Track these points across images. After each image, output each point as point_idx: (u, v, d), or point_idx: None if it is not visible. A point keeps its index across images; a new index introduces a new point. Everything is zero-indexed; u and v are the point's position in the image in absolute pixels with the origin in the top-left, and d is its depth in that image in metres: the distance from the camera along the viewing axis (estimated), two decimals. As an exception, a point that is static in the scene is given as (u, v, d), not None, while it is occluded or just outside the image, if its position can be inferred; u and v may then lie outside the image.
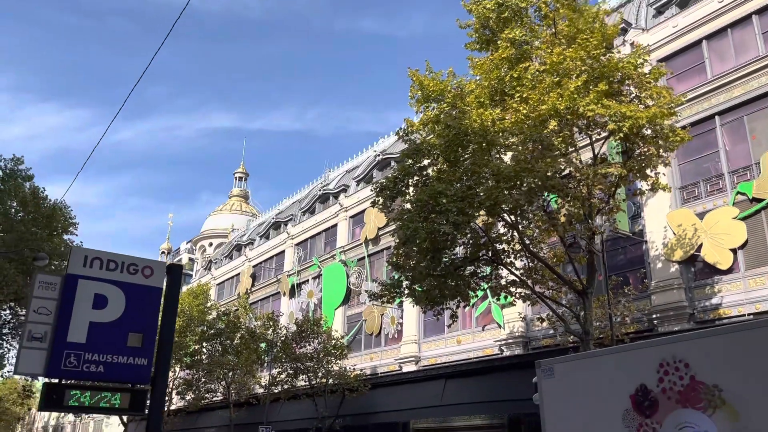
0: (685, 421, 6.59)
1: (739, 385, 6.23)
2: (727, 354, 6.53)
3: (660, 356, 7.03)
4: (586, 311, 17.49)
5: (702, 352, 6.72)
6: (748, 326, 7.37)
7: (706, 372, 6.53)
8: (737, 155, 21.03)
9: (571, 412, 8.08)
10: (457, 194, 16.03)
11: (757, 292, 19.17)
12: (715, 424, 6.32)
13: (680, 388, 6.71)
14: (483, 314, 28.13)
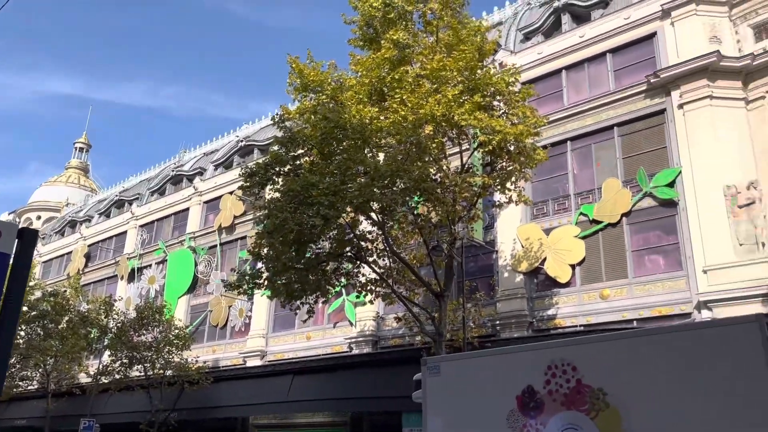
0: (568, 423, 6.74)
1: (624, 389, 6.45)
2: (614, 359, 6.74)
3: (549, 359, 7.15)
4: (441, 313, 18.03)
5: (590, 356, 6.92)
6: (635, 333, 7.89)
7: (592, 376, 6.71)
8: (583, 179, 22.93)
9: (456, 410, 8.08)
10: (329, 188, 15.77)
11: (589, 306, 20.98)
12: (598, 427, 6.49)
13: (566, 390, 6.85)
14: (336, 311, 28.10)
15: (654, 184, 20.67)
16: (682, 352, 6.30)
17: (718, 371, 5.92)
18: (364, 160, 16.62)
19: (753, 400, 5.64)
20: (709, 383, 5.99)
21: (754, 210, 18.49)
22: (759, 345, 5.65)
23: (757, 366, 5.65)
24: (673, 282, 19.58)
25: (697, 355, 6.16)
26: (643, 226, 20.97)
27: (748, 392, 5.68)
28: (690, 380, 6.14)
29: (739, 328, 6.09)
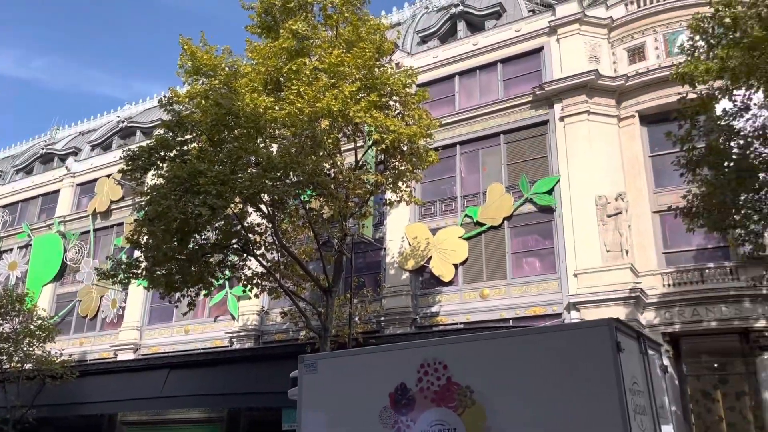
0: (437, 419, 6.99)
1: (488, 387, 6.81)
2: (481, 358, 7.07)
3: (422, 357, 7.36)
4: (328, 309, 17.97)
5: (459, 355, 7.22)
6: (500, 335, 8.39)
7: (461, 374, 7.01)
8: (470, 182, 23.76)
9: (331, 408, 8.15)
10: (218, 177, 15.17)
11: (470, 304, 21.78)
12: (464, 423, 6.80)
13: (437, 388, 7.12)
14: (218, 305, 27.24)
15: (534, 191, 21.81)
16: (542, 352, 6.72)
17: (573, 370, 6.34)
18: (256, 150, 16.19)
19: (602, 396, 6.04)
20: (564, 381, 6.40)
21: (621, 220, 20.02)
22: (608, 347, 6.12)
23: (606, 365, 6.08)
24: (547, 284, 20.79)
25: (555, 355, 6.58)
26: (522, 230, 22.08)
27: (598, 390, 6.10)
28: (548, 379, 6.53)
29: (592, 331, 6.58)
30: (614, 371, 5.96)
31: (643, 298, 19.22)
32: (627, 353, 6.24)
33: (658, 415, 6.53)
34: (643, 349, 6.76)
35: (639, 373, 6.55)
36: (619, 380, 5.89)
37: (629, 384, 6.06)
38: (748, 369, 18.80)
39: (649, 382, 6.65)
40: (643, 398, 6.40)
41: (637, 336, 6.79)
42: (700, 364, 19.94)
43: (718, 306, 18.61)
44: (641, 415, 6.14)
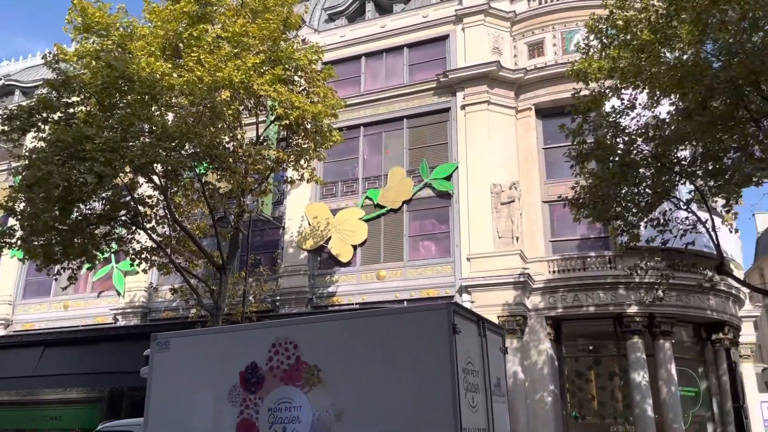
0: (283, 397, 7.16)
1: (335, 366, 7.02)
2: (329, 339, 7.30)
3: (274, 337, 7.48)
4: (221, 286, 17.47)
5: (310, 335, 7.40)
6: (347, 316, 8.73)
7: (310, 353, 7.18)
8: (372, 165, 23.85)
9: (181, 386, 8.06)
10: (107, 143, 14.23)
11: (367, 285, 21.97)
12: (309, 401, 7.00)
13: (286, 367, 7.26)
14: (102, 279, 25.79)
15: (434, 176, 22.25)
16: (384, 333, 7.02)
17: (412, 350, 6.69)
18: (150, 117, 15.34)
19: (437, 374, 6.43)
20: (404, 361, 6.73)
21: (513, 208, 20.85)
22: (445, 329, 6.47)
23: (442, 346, 6.45)
24: (442, 267, 21.33)
25: (396, 336, 6.91)
26: (420, 214, 22.49)
27: (434, 368, 6.46)
28: (389, 358, 6.84)
29: (431, 313, 6.97)
30: (449, 352, 6.33)
31: (530, 283, 20.18)
32: (464, 335, 6.63)
33: (492, 393, 7.04)
34: (482, 332, 7.17)
35: (475, 354, 6.98)
36: (453, 360, 6.28)
37: (463, 364, 6.49)
38: (619, 351, 20.29)
39: (485, 362, 7.10)
40: (477, 377, 6.86)
41: (477, 319, 7.18)
42: (578, 346, 21.29)
43: (597, 292, 19.89)
44: (473, 393, 6.61)
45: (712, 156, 13.19)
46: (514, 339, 19.53)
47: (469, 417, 6.31)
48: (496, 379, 7.38)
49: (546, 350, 19.99)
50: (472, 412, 6.46)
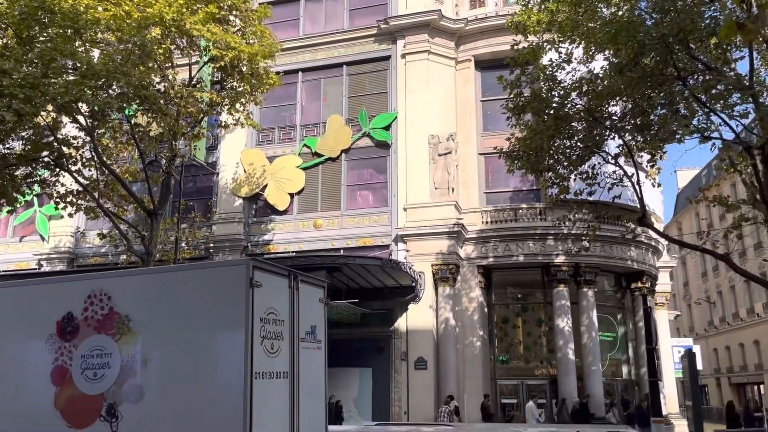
0: (96, 345, 7.60)
1: (144, 317, 7.49)
2: (140, 291, 7.77)
3: (90, 288, 7.79)
4: (153, 232, 17.04)
5: (123, 287, 7.80)
6: (158, 270, 9.06)
7: (122, 304, 7.59)
8: (310, 112, 23.47)
9: None
10: (27, 79, 13.40)
11: (303, 234, 21.91)
12: (119, 348, 7.44)
13: (100, 317, 7.64)
14: (24, 224, 24.69)
15: (373, 126, 22.13)
16: (192, 286, 7.47)
17: (215, 302, 7.18)
18: (74, 53, 14.47)
19: (234, 323, 6.95)
20: (208, 312, 7.22)
21: (450, 159, 21.07)
22: (243, 283, 6.93)
23: (239, 298, 6.92)
24: (379, 216, 21.48)
25: (202, 289, 7.35)
26: (359, 164, 22.42)
27: (232, 318, 6.98)
28: (194, 309, 7.31)
29: (232, 269, 7.37)
30: (245, 303, 6.83)
31: (464, 233, 20.64)
32: (266, 288, 7.15)
33: (300, 340, 7.73)
34: (294, 285, 7.69)
35: (282, 305, 7.50)
36: (248, 311, 6.80)
37: (262, 314, 7.05)
38: (545, 299, 21.20)
39: (294, 312, 7.66)
40: (282, 326, 7.43)
41: (288, 273, 7.71)
42: (507, 294, 22.10)
43: (527, 242, 20.57)
44: (275, 340, 7.25)
45: (641, 112, 13.64)
46: (447, 286, 20.06)
47: (265, 362, 6.98)
48: (310, 327, 8.05)
49: (477, 297, 20.65)
50: (270, 358, 7.11)
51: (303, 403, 7.56)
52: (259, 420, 6.69)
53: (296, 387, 7.45)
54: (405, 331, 19.93)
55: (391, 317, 20.28)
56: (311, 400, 7.86)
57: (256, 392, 6.70)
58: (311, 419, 7.80)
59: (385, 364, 20.05)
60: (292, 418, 7.36)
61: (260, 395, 6.78)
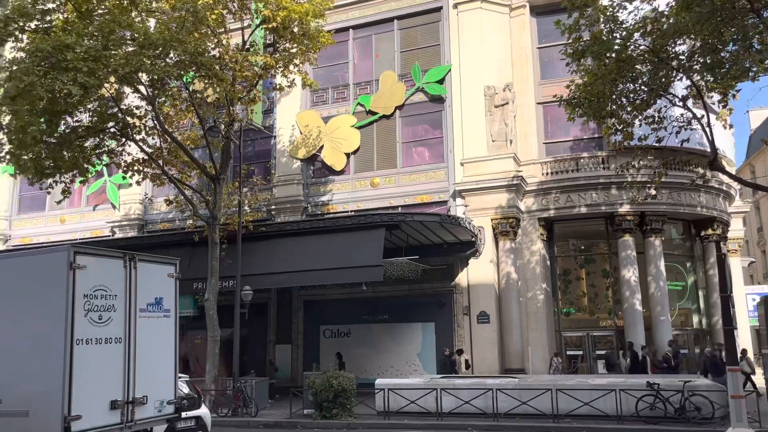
0: None
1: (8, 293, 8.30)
2: (6, 270, 8.43)
3: None
4: (216, 196, 17.52)
5: None
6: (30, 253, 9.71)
7: None
8: (363, 70, 23.29)
9: None
10: (89, 52, 13.78)
11: (361, 193, 22.05)
12: None
13: None
14: (96, 193, 25.80)
15: (426, 80, 21.79)
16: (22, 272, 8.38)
17: (43, 283, 8.13)
18: (131, 24, 14.76)
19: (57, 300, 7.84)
20: (37, 292, 8.15)
21: (507, 110, 20.60)
22: (64, 266, 7.85)
23: (61, 279, 7.84)
24: (435, 173, 21.33)
25: (32, 274, 8.28)
26: (413, 120, 22.22)
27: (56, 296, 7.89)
28: (26, 291, 8.20)
29: (54, 255, 8.25)
30: (65, 283, 7.79)
31: (523, 186, 20.29)
32: (92, 269, 8.15)
33: (138, 310, 8.68)
34: (129, 264, 8.70)
35: (114, 281, 8.45)
36: (68, 289, 7.77)
37: (87, 291, 8.01)
38: (610, 250, 20.73)
39: (128, 287, 8.60)
40: (114, 300, 8.41)
41: (124, 255, 8.71)
42: (569, 246, 21.71)
43: (589, 193, 20.05)
44: (104, 311, 8.25)
45: (711, 49, 12.88)
46: (507, 240, 19.87)
47: (90, 330, 8.00)
48: (154, 299, 9.07)
49: (539, 250, 20.39)
50: (98, 327, 8.12)
51: (143, 362, 8.62)
52: (82, 378, 7.78)
53: (132, 349, 8.52)
54: (466, 286, 19.97)
55: (451, 272, 20.33)
56: (156, 360, 8.94)
57: (80, 354, 7.78)
58: (155, 375, 8.87)
59: (447, 318, 20.22)
60: (126, 377, 8.44)
61: (85, 356, 7.87)
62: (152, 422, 8.93)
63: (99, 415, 8.06)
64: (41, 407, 7.82)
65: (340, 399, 14.26)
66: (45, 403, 7.79)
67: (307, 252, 18.54)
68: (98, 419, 8.03)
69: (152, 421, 8.91)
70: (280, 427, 14.37)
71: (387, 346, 20.64)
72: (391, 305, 20.92)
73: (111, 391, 8.28)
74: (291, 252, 18.80)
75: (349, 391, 14.38)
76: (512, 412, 13.75)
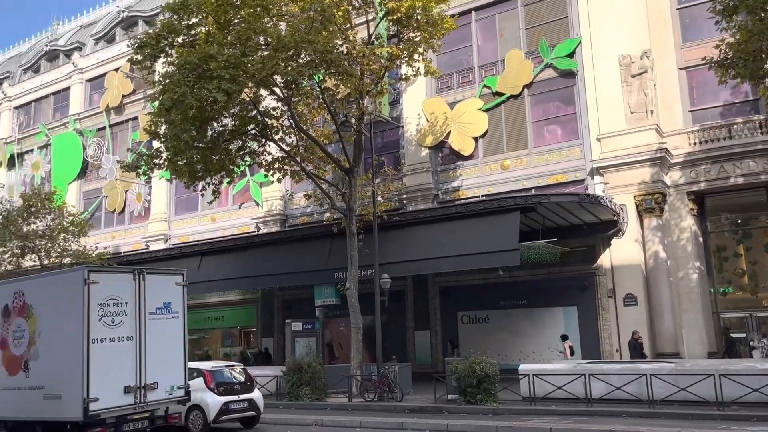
0: (18, 324, 11.57)
1: (41, 307, 11.26)
2: (37, 290, 11.60)
3: (15, 289, 11.88)
4: (351, 189, 18.07)
5: (31, 287, 11.75)
6: (43, 275, 13.66)
7: (30, 298, 11.51)
8: (487, 51, 22.88)
9: None
10: (230, 60, 14.73)
11: (491, 177, 21.74)
12: (28, 326, 11.34)
13: (19, 306, 11.62)
14: (241, 192, 27.56)
15: (555, 55, 20.98)
16: (59, 286, 11.18)
17: (70, 294, 10.53)
18: (265, 29, 15.57)
19: (78, 307, 10.29)
20: (69, 300, 10.58)
21: (646, 79, 19.31)
22: (81, 283, 10.28)
23: (79, 292, 10.28)
24: (570, 150, 20.52)
25: (64, 287, 10.93)
26: (543, 98, 21.49)
27: (78, 304, 10.30)
28: (62, 299, 10.80)
29: (75, 273, 10.75)
30: (82, 296, 10.26)
31: (668, 159, 18.97)
32: (104, 284, 10.47)
33: (147, 313, 10.96)
34: (138, 278, 10.96)
35: (125, 292, 10.74)
36: (84, 299, 10.20)
37: (100, 300, 10.36)
38: (772, 222, 18.86)
39: (139, 295, 10.88)
40: (125, 306, 10.69)
41: (132, 270, 11.14)
42: (723, 220, 20.00)
43: (746, 161, 18.34)
44: (116, 316, 10.56)
45: None
46: (653, 217, 18.71)
47: (104, 331, 10.35)
48: (163, 304, 11.30)
49: (689, 226, 19.01)
50: (110, 328, 10.43)
51: (153, 355, 10.82)
52: (98, 369, 10.09)
53: (143, 345, 10.75)
54: (609, 268, 19.08)
55: (592, 254, 19.52)
56: (166, 353, 11.13)
57: (95, 350, 10.11)
58: (166, 370, 11.08)
59: (590, 302, 19.46)
60: (138, 367, 10.64)
61: (100, 352, 10.17)
62: (164, 403, 11.15)
63: (114, 398, 10.28)
64: (68, 392, 10.18)
65: (483, 384, 14.23)
66: (71, 389, 10.13)
67: (441, 239, 18.63)
68: (113, 401, 10.27)
69: (164, 402, 11.13)
70: (426, 411, 14.60)
71: (527, 331, 20.25)
72: (529, 290, 20.50)
73: (124, 378, 10.45)
74: (425, 239, 18.99)
75: (493, 376, 14.31)
76: (669, 398, 12.99)
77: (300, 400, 16.86)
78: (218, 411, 12.79)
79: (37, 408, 10.74)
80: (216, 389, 13.13)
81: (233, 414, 13.22)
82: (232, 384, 13.59)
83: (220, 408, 12.79)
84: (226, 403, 12.95)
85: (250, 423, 13.75)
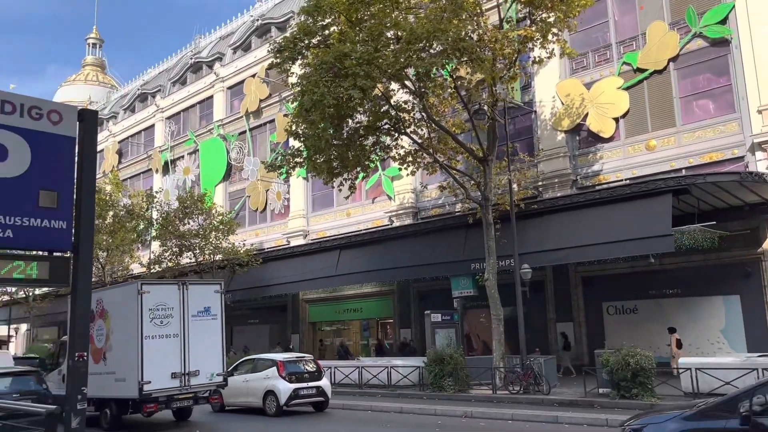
0: (99, 325, 14.35)
1: (113, 310, 14.17)
2: (111, 297, 14.57)
3: (98, 297, 14.47)
4: (486, 178, 17.78)
5: (106, 296, 14.72)
6: (113, 287, 17.10)
7: (107, 304, 14.39)
8: (625, 25, 21.52)
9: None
10: (363, 56, 15.01)
11: (635, 159, 20.47)
12: (105, 325, 14.22)
13: (100, 310, 14.47)
14: (373, 187, 28.10)
15: (704, 23, 19.29)
16: (122, 295, 14.01)
17: (128, 303, 13.34)
18: (396, 23, 15.69)
19: (135, 312, 13.10)
20: (127, 305, 13.37)
21: (815, 41, 17.22)
22: (135, 293, 13.10)
23: (135, 301, 13.01)
24: (725, 126, 18.81)
25: (125, 296, 13.75)
26: (691, 70, 19.85)
27: (135, 310, 13.14)
28: (122, 303, 13.72)
29: (131, 287, 13.70)
30: (137, 303, 13.00)
31: None
32: (154, 293, 13.19)
33: (191, 316, 13.53)
34: (182, 288, 13.63)
35: (171, 299, 13.37)
36: (138, 306, 12.95)
37: (151, 305, 13.06)
38: None
39: (183, 301, 13.50)
40: (171, 310, 13.30)
41: (177, 282, 13.95)
42: None
43: None
44: (164, 317, 13.19)
45: None
46: (830, 195, 16.69)
47: (155, 330, 13.02)
48: (203, 308, 13.78)
49: None
50: (160, 327, 13.08)
51: (195, 351, 13.32)
52: (150, 359, 12.75)
53: (187, 341, 13.29)
54: (777, 252, 17.30)
55: (756, 238, 17.79)
56: (207, 347, 13.55)
57: (148, 345, 12.82)
58: (206, 360, 13.48)
59: (754, 290, 17.77)
60: (183, 358, 13.20)
61: (152, 347, 12.85)
62: (205, 387, 13.55)
63: (163, 381, 12.83)
64: (129, 376, 12.86)
65: (639, 378, 13.43)
66: (131, 374, 12.80)
67: (583, 226, 17.85)
68: (162, 384, 12.82)
69: (205, 386, 13.55)
70: (577, 405, 14.04)
71: (682, 322, 18.85)
72: (683, 277, 19.08)
73: (172, 366, 13.00)
74: (566, 227, 18.29)
75: (649, 370, 13.46)
76: None
77: (443, 390, 16.89)
78: (289, 396, 14.76)
79: (111, 388, 13.49)
80: (287, 377, 15.11)
81: (302, 399, 15.12)
82: (301, 373, 15.51)
83: (290, 393, 14.80)
84: (295, 390, 14.90)
85: (320, 407, 15.62)
